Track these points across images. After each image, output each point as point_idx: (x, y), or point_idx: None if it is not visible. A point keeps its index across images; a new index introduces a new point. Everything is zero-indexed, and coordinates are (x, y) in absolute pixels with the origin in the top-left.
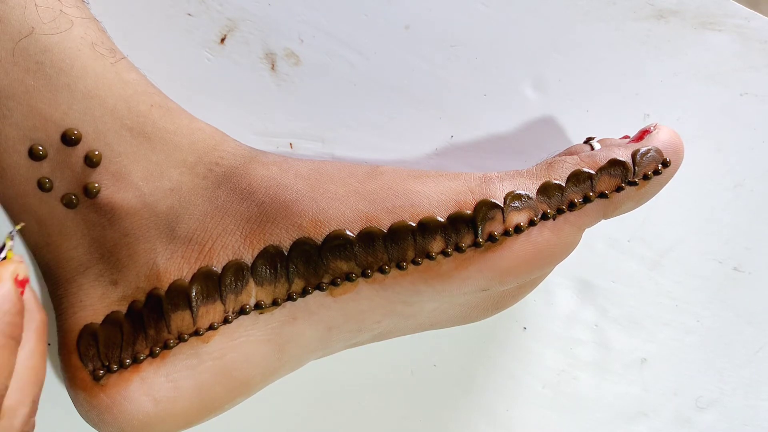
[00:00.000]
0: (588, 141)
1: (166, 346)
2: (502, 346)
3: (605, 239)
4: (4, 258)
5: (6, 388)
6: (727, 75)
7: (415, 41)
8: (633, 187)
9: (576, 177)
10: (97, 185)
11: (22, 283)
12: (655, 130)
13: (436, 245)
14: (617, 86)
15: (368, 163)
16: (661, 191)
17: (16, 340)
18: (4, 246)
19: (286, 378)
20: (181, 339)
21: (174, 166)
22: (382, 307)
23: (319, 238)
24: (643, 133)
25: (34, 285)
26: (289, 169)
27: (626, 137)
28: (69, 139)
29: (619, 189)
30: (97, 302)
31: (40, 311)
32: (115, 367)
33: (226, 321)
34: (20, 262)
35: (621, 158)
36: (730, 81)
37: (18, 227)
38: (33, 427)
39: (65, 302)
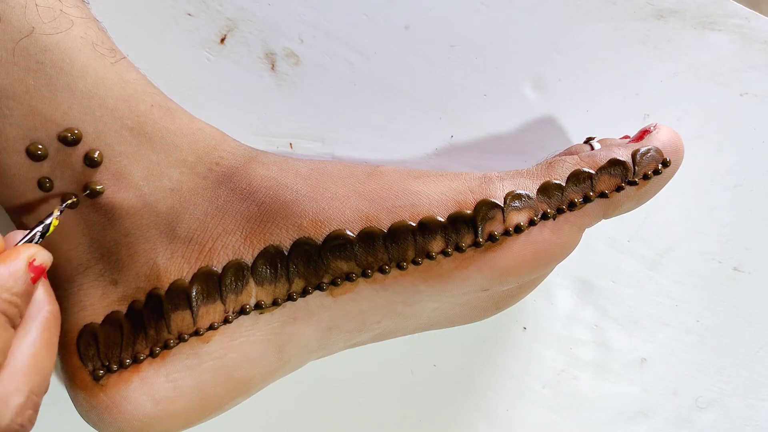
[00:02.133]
0: (588, 141)
1: (166, 346)
2: (502, 346)
3: (605, 239)
4: (47, 230)
5: None
6: (727, 75)
7: (415, 41)
8: (633, 187)
9: (576, 177)
10: (97, 185)
11: (36, 270)
12: (655, 129)
13: (437, 245)
14: (617, 86)
15: (368, 163)
16: (661, 191)
17: (12, 320)
18: (51, 215)
19: (286, 378)
20: (181, 339)
21: (174, 166)
22: (383, 307)
23: (319, 238)
24: (643, 133)
25: None
26: (289, 169)
27: (626, 137)
28: (69, 139)
29: (619, 189)
30: (97, 302)
31: (51, 303)
32: (115, 367)
33: (226, 321)
34: (42, 249)
35: (621, 158)
36: (730, 81)
37: (70, 201)
38: (30, 421)
39: (65, 302)
